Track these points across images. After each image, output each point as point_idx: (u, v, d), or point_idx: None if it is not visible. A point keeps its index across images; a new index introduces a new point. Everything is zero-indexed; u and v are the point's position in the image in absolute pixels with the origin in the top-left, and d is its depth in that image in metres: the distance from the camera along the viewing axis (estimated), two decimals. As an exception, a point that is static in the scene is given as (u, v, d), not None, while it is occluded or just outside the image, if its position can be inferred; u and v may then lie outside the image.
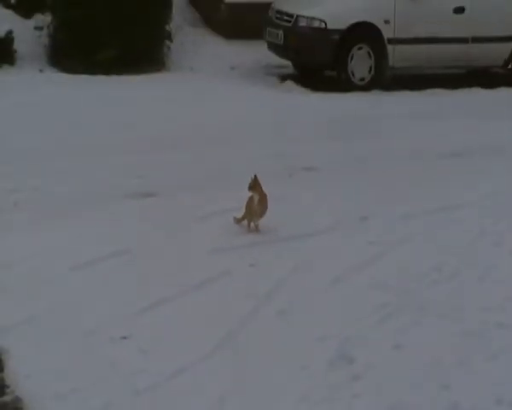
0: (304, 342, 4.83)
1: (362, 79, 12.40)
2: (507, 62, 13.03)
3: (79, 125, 9.72)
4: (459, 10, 12.61)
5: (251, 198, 6.41)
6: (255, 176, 6.44)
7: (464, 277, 5.83)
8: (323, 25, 12.23)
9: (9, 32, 12.15)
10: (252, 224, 6.50)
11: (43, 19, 12.88)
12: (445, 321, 5.09)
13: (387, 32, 12.33)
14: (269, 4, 13.09)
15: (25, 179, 7.97)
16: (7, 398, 4.25)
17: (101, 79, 11.81)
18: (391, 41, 12.40)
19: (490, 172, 8.43)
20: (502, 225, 6.88)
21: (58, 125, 9.84)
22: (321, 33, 12.29)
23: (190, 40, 14.07)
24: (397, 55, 12.54)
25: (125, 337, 4.86)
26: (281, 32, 12.58)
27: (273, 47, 12.85)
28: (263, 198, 6.39)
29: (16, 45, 12.28)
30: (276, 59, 13.07)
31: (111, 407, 4.20)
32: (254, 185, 6.40)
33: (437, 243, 6.47)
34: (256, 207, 6.43)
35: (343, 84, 12.28)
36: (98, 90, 11.39)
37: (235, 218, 6.52)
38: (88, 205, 7.20)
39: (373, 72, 12.45)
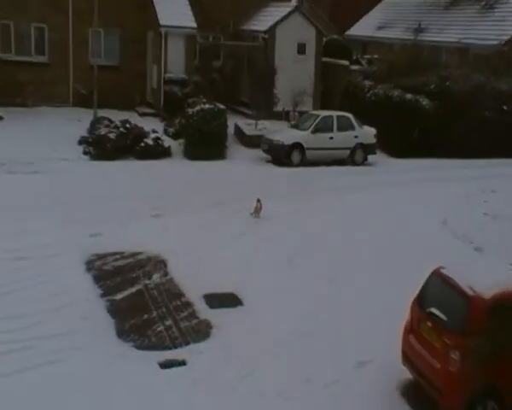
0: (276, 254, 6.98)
1: (297, 163, 16.18)
2: (348, 157, 16.79)
3: (190, 183, 13.25)
4: (331, 138, 16.67)
5: (257, 205, 8.89)
6: (259, 199, 8.93)
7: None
8: (282, 142, 16.23)
9: (169, 147, 16.28)
10: (256, 215, 8.92)
11: (181, 141, 16.63)
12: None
13: (305, 145, 16.25)
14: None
15: (164, 198, 10.42)
16: (165, 279, 4.71)
17: (202, 162, 15.46)
18: (307, 148, 16.28)
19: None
20: (343, 219, 9.15)
21: (181, 182, 12.97)
22: (281, 146, 16.20)
23: (234, 149, 17.03)
24: (309, 154, 16.34)
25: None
26: (266, 145, 16.60)
27: (264, 151, 16.55)
28: (261, 205, 8.98)
29: (171, 149, 16.15)
30: (265, 155, 16.43)
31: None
32: (259, 201, 8.98)
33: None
34: (259, 209, 8.97)
35: (289, 164, 15.92)
36: (201, 166, 15.13)
37: (250, 213, 8.98)
38: (195, 209, 9.71)
39: (300, 159, 16.19)
